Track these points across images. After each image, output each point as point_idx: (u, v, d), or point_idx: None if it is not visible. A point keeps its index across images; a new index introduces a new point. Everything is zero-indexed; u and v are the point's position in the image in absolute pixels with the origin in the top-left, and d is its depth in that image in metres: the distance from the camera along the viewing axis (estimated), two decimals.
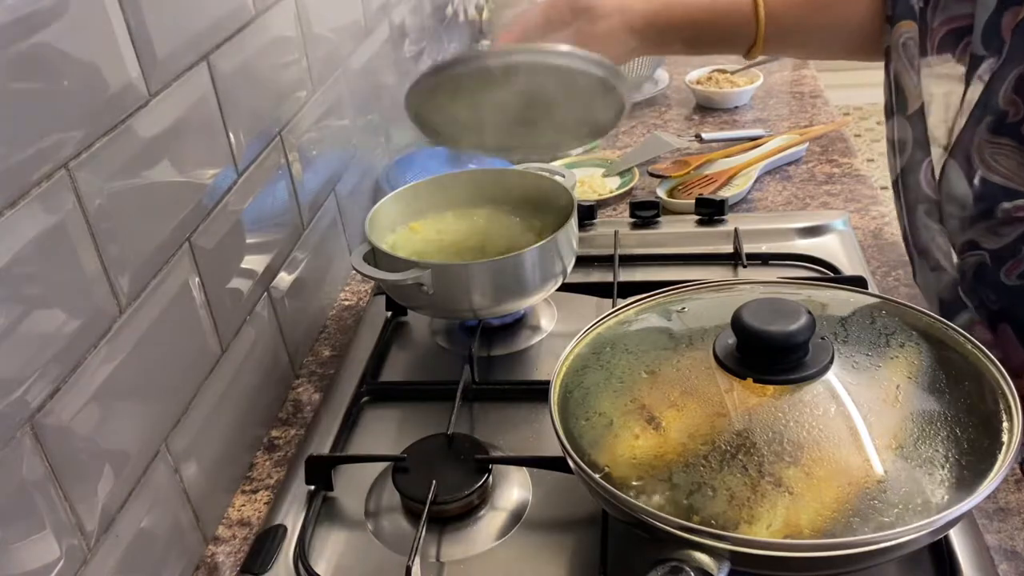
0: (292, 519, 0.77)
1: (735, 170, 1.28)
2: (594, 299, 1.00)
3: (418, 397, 0.91)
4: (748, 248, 1.05)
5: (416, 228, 1.00)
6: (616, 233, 1.08)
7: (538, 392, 0.84)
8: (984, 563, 0.67)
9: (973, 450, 0.61)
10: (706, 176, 1.28)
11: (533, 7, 0.88)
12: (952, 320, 0.74)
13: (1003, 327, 0.83)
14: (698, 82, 1.56)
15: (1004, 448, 0.60)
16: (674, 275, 0.99)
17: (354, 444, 0.86)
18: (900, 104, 0.88)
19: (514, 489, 0.78)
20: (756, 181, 1.25)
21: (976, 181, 0.82)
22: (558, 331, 0.98)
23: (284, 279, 0.95)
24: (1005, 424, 0.62)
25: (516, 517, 0.75)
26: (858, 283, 0.92)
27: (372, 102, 1.25)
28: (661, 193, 1.23)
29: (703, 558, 0.57)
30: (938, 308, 0.87)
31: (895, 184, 0.90)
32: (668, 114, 1.54)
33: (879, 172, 3.29)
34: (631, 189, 1.27)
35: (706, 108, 1.54)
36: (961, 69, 0.84)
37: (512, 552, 0.72)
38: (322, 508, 0.78)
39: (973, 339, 0.69)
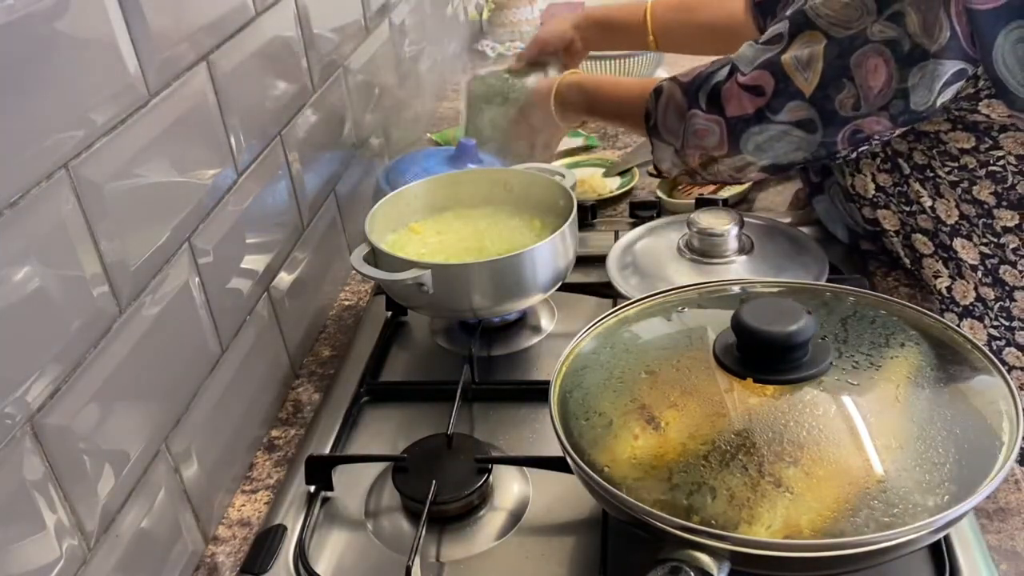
0: (292, 519, 0.77)
1: None
2: (594, 299, 1.00)
3: (418, 397, 0.91)
4: None
5: (416, 228, 1.00)
6: (616, 233, 1.08)
7: (538, 392, 0.84)
8: (984, 563, 0.67)
9: (973, 450, 0.61)
10: None
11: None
12: None
13: None
14: None
15: (1004, 448, 0.60)
16: None
17: (354, 444, 0.86)
18: None
19: (514, 489, 0.78)
20: (756, 181, 1.25)
21: None
22: (558, 331, 0.98)
23: (284, 279, 0.95)
24: (1005, 424, 0.62)
25: (516, 517, 0.75)
26: (858, 283, 0.92)
27: (372, 102, 1.25)
28: (661, 193, 1.23)
29: (703, 558, 0.57)
30: None
31: None
32: None
33: None
34: (631, 189, 1.27)
35: None
36: None
37: (512, 552, 0.72)
38: (322, 508, 0.78)
39: (973, 339, 0.69)
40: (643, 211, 1.16)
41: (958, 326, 0.89)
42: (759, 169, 0.94)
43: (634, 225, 1.08)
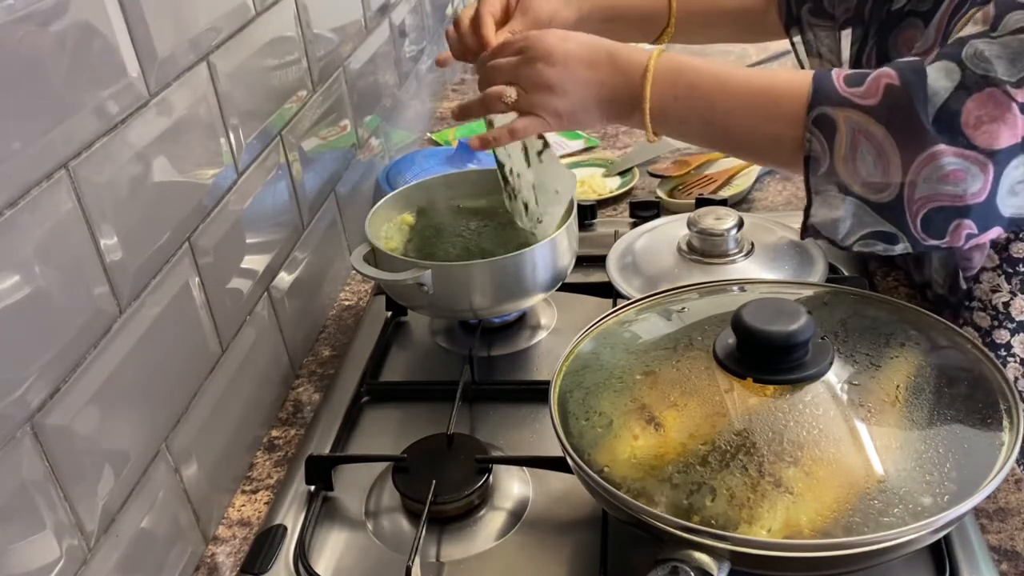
0: (292, 519, 0.77)
1: (735, 170, 1.28)
2: (594, 299, 1.00)
3: (418, 397, 0.91)
4: None
5: (408, 218, 1.00)
6: (616, 233, 1.08)
7: (538, 392, 0.84)
8: (984, 563, 0.67)
9: (973, 450, 0.61)
10: (706, 176, 1.28)
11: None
12: None
13: None
14: None
15: (1004, 448, 0.60)
16: None
17: (354, 444, 0.86)
18: None
19: (514, 489, 0.78)
20: (756, 181, 1.25)
21: None
22: (558, 331, 0.98)
23: (284, 279, 0.95)
24: (1005, 424, 0.62)
25: (516, 517, 0.75)
26: (858, 283, 0.92)
27: (372, 102, 1.25)
28: (661, 193, 1.23)
29: (703, 558, 0.57)
30: None
31: None
32: None
33: None
34: (631, 189, 1.27)
35: None
36: None
37: (512, 552, 0.72)
38: (322, 508, 0.78)
39: (973, 339, 0.69)
40: (643, 211, 1.16)
41: (1008, 342, 0.87)
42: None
43: (634, 225, 1.08)
